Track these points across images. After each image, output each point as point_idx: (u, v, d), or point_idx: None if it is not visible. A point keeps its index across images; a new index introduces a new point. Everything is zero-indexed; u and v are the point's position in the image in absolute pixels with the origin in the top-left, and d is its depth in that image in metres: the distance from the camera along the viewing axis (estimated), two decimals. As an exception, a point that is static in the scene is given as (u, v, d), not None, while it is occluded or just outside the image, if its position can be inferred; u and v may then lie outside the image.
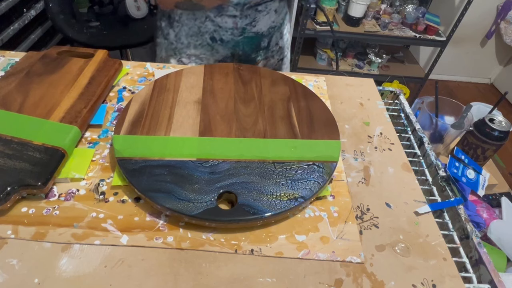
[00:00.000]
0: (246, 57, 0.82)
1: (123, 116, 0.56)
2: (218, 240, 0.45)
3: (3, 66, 0.69)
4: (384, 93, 0.77)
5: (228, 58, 0.81)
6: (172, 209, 0.44)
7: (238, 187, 0.47)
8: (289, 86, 0.66)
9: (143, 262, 0.42)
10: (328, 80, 0.76)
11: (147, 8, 1.58)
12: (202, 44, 0.79)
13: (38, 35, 1.41)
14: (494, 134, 0.79)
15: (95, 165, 0.52)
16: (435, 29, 1.96)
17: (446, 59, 2.41)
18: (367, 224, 0.49)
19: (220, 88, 0.64)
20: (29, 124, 0.52)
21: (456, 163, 0.60)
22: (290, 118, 0.59)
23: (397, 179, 0.56)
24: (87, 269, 0.40)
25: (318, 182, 0.49)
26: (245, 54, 0.82)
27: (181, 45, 0.81)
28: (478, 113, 1.01)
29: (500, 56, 2.55)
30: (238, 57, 0.82)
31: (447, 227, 0.52)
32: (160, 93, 0.61)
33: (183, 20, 0.78)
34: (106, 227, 0.45)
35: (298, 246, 0.45)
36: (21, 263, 0.40)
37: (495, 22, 2.32)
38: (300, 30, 1.90)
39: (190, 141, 0.53)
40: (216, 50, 0.80)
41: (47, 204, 0.47)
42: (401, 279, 0.43)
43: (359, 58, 2.19)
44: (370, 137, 0.63)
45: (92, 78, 0.63)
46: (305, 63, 2.16)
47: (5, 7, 1.20)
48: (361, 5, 1.86)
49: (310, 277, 0.42)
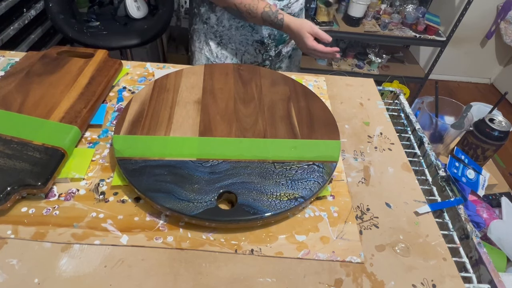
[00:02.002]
0: (280, 37, 0.89)
1: (123, 116, 0.56)
2: (218, 240, 0.45)
3: (3, 66, 0.69)
4: (384, 93, 0.77)
5: (265, 38, 0.87)
6: (172, 209, 0.44)
7: (238, 187, 0.47)
8: (289, 86, 0.66)
9: (143, 262, 0.42)
10: (328, 80, 0.76)
11: (147, 8, 1.58)
12: (244, 26, 0.85)
13: (38, 35, 1.41)
14: (494, 134, 0.79)
15: (95, 165, 0.52)
16: (435, 29, 1.96)
17: (446, 59, 2.41)
18: (367, 224, 0.49)
19: (220, 88, 0.64)
20: (29, 124, 0.52)
21: (456, 163, 0.59)
22: (290, 118, 0.59)
23: (397, 179, 0.56)
24: (87, 269, 0.40)
25: (318, 182, 0.49)
26: (279, 35, 0.88)
27: (223, 28, 0.85)
28: (478, 113, 1.00)
29: (500, 56, 2.55)
30: (274, 37, 0.88)
31: (447, 227, 0.52)
32: (160, 93, 0.61)
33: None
34: (106, 227, 0.45)
35: (298, 246, 0.45)
36: (21, 263, 0.40)
37: (495, 22, 2.32)
38: (300, 30, 1.90)
39: (190, 141, 0.53)
40: (256, 30, 0.86)
41: (47, 204, 0.47)
42: (401, 279, 0.43)
43: (359, 58, 2.19)
44: (370, 137, 0.63)
45: (92, 78, 0.63)
46: (305, 63, 2.16)
47: (5, 7, 1.20)
48: (361, 5, 1.86)
49: (310, 277, 0.42)
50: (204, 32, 0.88)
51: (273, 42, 0.89)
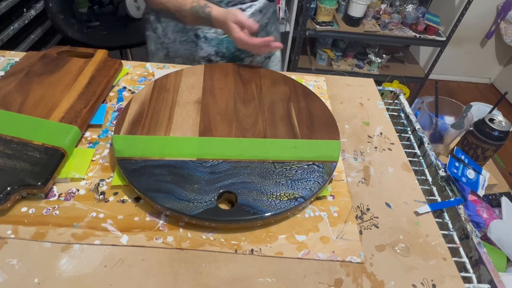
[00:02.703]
0: (230, 54, 0.81)
1: (123, 116, 0.56)
2: (218, 240, 0.45)
3: (3, 66, 0.69)
4: (384, 93, 0.77)
5: (212, 55, 0.80)
6: (172, 209, 0.44)
7: (238, 187, 0.47)
8: (289, 86, 0.66)
9: (143, 262, 0.42)
10: (328, 80, 0.76)
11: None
12: (187, 41, 0.79)
13: (38, 35, 1.41)
14: (494, 134, 0.79)
15: (95, 165, 0.52)
16: (435, 29, 1.96)
17: (446, 59, 2.41)
18: (367, 224, 0.49)
19: (220, 88, 0.64)
20: (29, 124, 0.52)
21: (456, 163, 0.59)
22: (290, 118, 0.59)
23: (397, 179, 0.56)
24: (87, 269, 0.40)
25: (318, 182, 0.49)
26: (229, 52, 0.81)
27: (168, 40, 0.81)
28: (478, 113, 1.01)
29: (500, 56, 2.55)
30: (222, 55, 0.80)
31: (447, 227, 0.52)
32: (160, 93, 0.61)
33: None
34: (106, 227, 0.45)
35: (298, 246, 0.45)
36: (21, 263, 0.40)
37: (495, 22, 2.32)
38: (300, 30, 1.90)
39: (190, 141, 0.53)
40: (200, 47, 0.79)
41: (47, 204, 0.47)
42: (401, 279, 0.43)
43: (359, 58, 2.19)
44: (370, 137, 0.63)
45: (92, 78, 0.63)
46: (305, 63, 2.16)
47: (5, 7, 1.20)
48: (361, 5, 1.86)
49: (310, 277, 0.42)
50: (154, 41, 0.83)
51: (222, 59, 0.80)
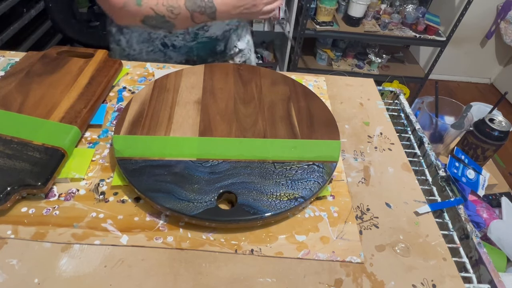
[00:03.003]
0: (202, 62, 0.79)
1: (123, 116, 0.56)
2: (218, 240, 0.45)
3: (3, 66, 0.69)
4: (384, 93, 0.77)
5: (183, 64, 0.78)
6: (172, 209, 0.44)
7: (238, 187, 0.47)
8: (289, 86, 0.66)
9: (143, 262, 0.42)
10: (328, 80, 0.76)
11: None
12: (154, 51, 0.76)
13: (38, 35, 1.41)
14: (494, 134, 0.79)
15: (95, 165, 0.52)
16: (435, 29, 1.96)
17: (446, 59, 2.41)
18: (367, 224, 0.49)
19: (220, 88, 0.64)
20: (29, 124, 0.52)
21: (456, 163, 0.60)
22: (290, 118, 0.59)
23: (397, 179, 0.56)
24: (87, 269, 0.40)
25: (318, 182, 0.49)
26: (200, 59, 0.79)
27: (134, 51, 0.77)
28: (478, 113, 1.01)
29: (500, 56, 2.55)
30: (193, 63, 0.78)
31: (447, 227, 0.52)
32: (160, 93, 0.61)
33: (132, 27, 0.75)
34: (106, 227, 0.45)
35: (298, 246, 0.45)
36: (21, 263, 0.40)
37: (495, 22, 2.32)
38: (300, 30, 1.90)
39: (190, 141, 0.53)
40: (169, 56, 0.77)
41: (47, 204, 0.47)
42: (401, 279, 0.43)
43: (359, 58, 2.19)
44: (370, 137, 0.63)
45: (92, 78, 0.63)
46: (305, 63, 2.16)
47: (5, 7, 1.20)
48: (361, 5, 1.86)
49: (310, 277, 0.42)
50: (119, 54, 0.79)
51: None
